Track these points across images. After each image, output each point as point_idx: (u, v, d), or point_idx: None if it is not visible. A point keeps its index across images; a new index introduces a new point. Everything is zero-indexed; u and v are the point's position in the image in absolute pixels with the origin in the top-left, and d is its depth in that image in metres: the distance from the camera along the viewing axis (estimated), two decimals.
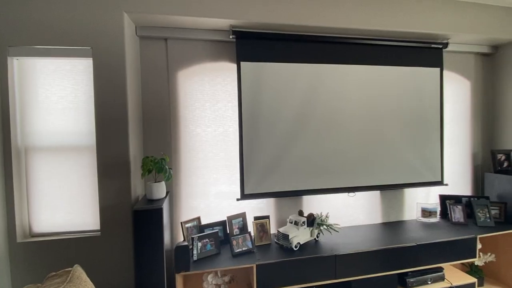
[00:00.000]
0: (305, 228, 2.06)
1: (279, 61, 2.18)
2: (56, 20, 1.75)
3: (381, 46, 2.37)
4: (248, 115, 2.12)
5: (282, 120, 2.19)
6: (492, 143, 2.81)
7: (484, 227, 2.31)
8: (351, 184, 2.34)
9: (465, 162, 2.75)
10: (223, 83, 2.20)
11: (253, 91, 2.13)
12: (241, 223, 2.13)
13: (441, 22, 2.34)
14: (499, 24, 2.48)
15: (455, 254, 2.12)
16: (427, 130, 2.48)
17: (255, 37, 2.12)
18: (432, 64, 2.48)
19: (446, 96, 2.64)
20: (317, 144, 2.26)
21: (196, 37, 2.12)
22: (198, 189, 2.19)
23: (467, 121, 2.75)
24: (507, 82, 2.68)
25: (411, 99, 2.44)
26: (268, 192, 2.19)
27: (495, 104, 2.79)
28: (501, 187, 2.51)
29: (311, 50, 2.24)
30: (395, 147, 2.42)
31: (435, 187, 2.60)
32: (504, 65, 2.69)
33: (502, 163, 2.57)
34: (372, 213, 2.53)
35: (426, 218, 2.52)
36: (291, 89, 2.20)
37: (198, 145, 2.18)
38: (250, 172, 2.13)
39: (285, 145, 2.20)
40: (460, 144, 2.73)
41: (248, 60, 2.12)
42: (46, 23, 1.74)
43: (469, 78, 2.74)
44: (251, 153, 2.13)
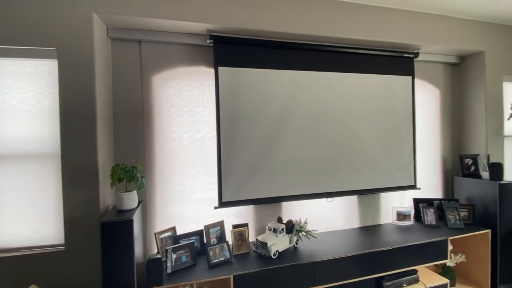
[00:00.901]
0: (284, 235, 2.03)
1: (258, 67, 2.17)
2: (18, 18, 1.62)
3: (358, 55, 2.43)
4: (226, 121, 2.08)
5: (261, 127, 2.16)
6: (460, 148, 2.95)
7: (454, 229, 2.40)
8: (329, 189, 2.35)
9: (436, 166, 2.86)
10: (200, 88, 2.15)
11: (232, 97, 2.09)
12: (218, 232, 2.06)
13: (412, 32, 2.44)
14: (464, 36, 2.63)
15: (428, 256, 2.17)
16: (401, 136, 2.56)
17: (233, 42, 2.09)
18: (404, 73, 2.57)
19: (417, 104, 2.75)
20: (296, 150, 2.25)
21: (172, 41, 2.06)
22: (174, 197, 2.10)
23: (437, 127, 2.87)
24: (472, 91, 2.84)
25: (385, 106, 2.51)
26: (247, 199, 2.14)
27: (462, 111, 2.94)
28: (469, 190, 2.64)
29: (290, 57, 2.24)
30: (371, 153, 2.47)
31: (408, 191, 2.68)
32: (470, 75, 2.86)
33: (470, 167, 2.70)
34: (350, 217, 2.56)
35: (401, 221, 2.58)
36: (270, 95, 2.19)
37: (174, 152, 2.10)
38: (228, 179, 2.08)
39: (264, 152, 2.18)
40: (431, 149, 2.84)
41: (226, 65, 2.09)
42: (6, 21, 1.61)
43: (438, 87, 2.87)
44: (230, 159, 2.08)
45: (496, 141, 2.75)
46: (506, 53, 2.81)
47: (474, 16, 2.62)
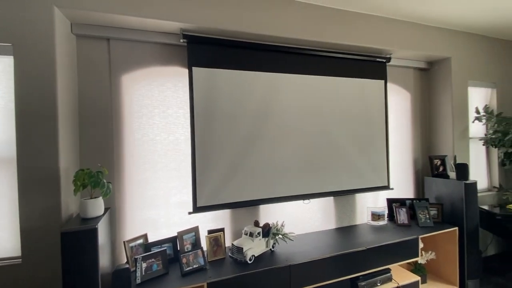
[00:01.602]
0: (260, 239, 1.99)
1: (233, 68, 2.13)
2: None
3: (333, 58, 2.46)
4: (201, 123, 2.02)
5: (237, 129, 2.12)
6: (430, 149, 3.08)
7: (425, 227, 2.49)
8: (306, 191, 2.35)
9: (407, 167, 2.97)
10: (174, 89, 2.07)
11: (207, 98, 2.04)
12: (193, 238, 1.99)
13: (385, 38, 2.52)
14: (432, 42, 2.75)
15: (400, 255, 2.23)
16: (374, 138, 2.63)
17: (208, 42, 2.04)
18: (377, 77, 2.64)
19: (390, 107, 2.83)
20: (273, 152, 2.23)
21: (143, 39, 1.97)
22: (146, 203, 2.00)
23: (408, 129, 2.98)
24: (440, 95, 2.97)
25: (359, 109, 2.57)
26: (223, 204, 2.09)
27: (431, 114, 3.08)
28: (438, 189, 2.75)
29: (267, 59, 2.23)
30: (346, 155, 2.50)
31: (382, 191, 2.75)
32: (437, 80, 2.99)
33: (438, 167, 2.82)
34: (326, 219, 2.58)
35: (375, 221, 2.64)
36: (247, 97, 2.16)
37: (146, 155, 2.00)
38: (203, 183, 2.01)
39: (241, 154, 2.14)
40: (403, 151, 2.94)
41: (201, 66, 2.03)
42: None
43: (409, 90, 2.99)
44: (205, 163, 2.02)
45: (462, 142, 2.90)
46: (470, 60, 2.97)
47: (441, 24, 2.75)
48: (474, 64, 3.00)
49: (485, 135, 3.13)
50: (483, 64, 3.06)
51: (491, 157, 3.23)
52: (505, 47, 3.22)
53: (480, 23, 2.75)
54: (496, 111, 3.12)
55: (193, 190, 1.99)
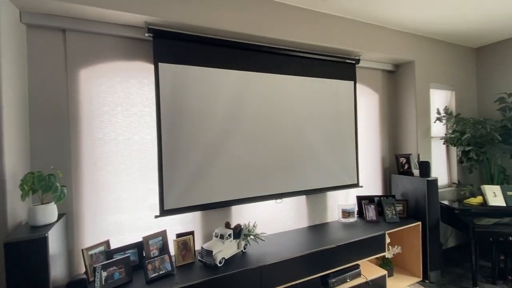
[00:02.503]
0: (231, 241, 1.95)
1: (204, 66, 2.06)
2: None
3: (304, 58, 2.48)
4: (168, 121, 1.92)
5: (208, 128, 2.06)
6: (396, 148, 3.22)
7: (391, 223, 2.59)
8: (279, 190, 2.34)
9: (376, 165, 3.08)
10: (138, 85, 1.95)
11: (175, 95, 1.95)
12: (160, 243, 1.89)
13: (354, 40, 2.58)
14: (397, 46, 2.87)
15: (369, 251, 2.30)
16: (345, 137, 2.69)
17: (176, 37, 1.95)
18: (347, 78, 2.71)
19: (359, 107, 2.92)
20: (245, 152, 2.19)
21: (104, 31, 1.83)
22: (108, 207, 1.87)
23: (376, 129, 3.09)
24: (405, 96, 3.12)
25: (330, 109, 2.61)
26: (193, 206, 2.01)
27: (397, 114, 3.22)
28: (403, 186, 2.88)
29: (238, 57, 2.19)
30: (318, 154, 2.53)
31: (352, 189, 2.82)
32: (403, 82, 3.13)
33: (404, 165, 2.95)
34: (298, 217, 2.59)
35: (346, 218, 2.70)
36: (218, 95, 2.10)
37: (107, 156, 1.87)
38: (171, 184, 1.92)
39: (212, 154, 2.07)
40: (372, 150, 3.05)
41: (168, 62, 1.94)
42: None
43: (377, 92, 3.10)
44: (173, 163, 1.93)
45: (425, 141, 3.06)
46: (432, 63, 3.15)
47: (406, 29, 2.88)
48: (436, 68, 3.18)
49: (445, 134, 3.34)
50: (443, 68, 3.25)
51: (450, 155, 3.45)
52: (464, 53, 3.46)
53: (442, 29, 2.92)
54: (455, 112, 3.34)
55: (159, 192, 1.89)
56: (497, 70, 3.36)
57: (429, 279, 2.64)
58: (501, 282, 2.64)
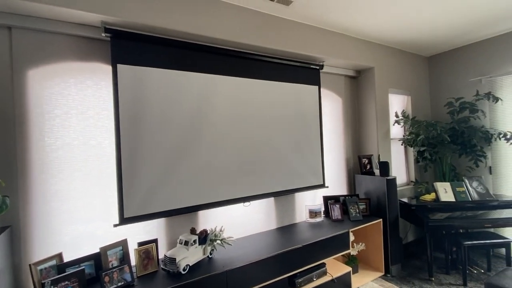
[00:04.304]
0: (196, 247, 1.90)
1: (167, 68, 2.02)
2: None
3: (271, 63, 2.53)
4: (128, 125, 1.84)
5: (171, 132, 2.01)
6: (359, 149, 3.37)
7: (355, 221, 2.70)
8: (246, 193, 2.34)
9: (340, 166, 3.20)
10: (95, 88, 1.85)
11: (135, 99, 1.88)
12: (120, 253, 1.80)
13: (317, 46, 2.67)
14: (358, 53, 3.03)
15: (334, 249, 2.37)
16: (310, 140, 2.77)
17: (136, 38, 1.89)
18: (312, 82, 2.80)
19: (324, 111, 3.03)
20: (211, 156, 2.17)
21: (56, 30, 1.72)
22: (62, 217, 1.74)
23: (340, 131, 3.22)
24: (366, 100, 3.29)
25: (296, 112, 2.67)
26: (156, 213, 1.94)
27: (360, 117, 3.38)
28: (366, 185, 3.02)
29: (202, 60, 2.17)
30: (285, 156, 2.58)
31: (319, 189, 2.90)
32: (364, 87, 3.31)
33: (366, 166, 3.10)
34: (267, 220, 2.61)
35: (313, 218, 2.77)
36: (183, 98, 2.06)
37: (60, 163, 1.74)
38: (132, 191, 1.84)
39: (176, 159, 2.02)
40: (337, 151, 3.17)
41: (128, 63, 1.87)
42: None
43: (341, 96, 3.24)
44: (133, 169, 1.85)
45: (385, 143, 3.25)
46: (390, 70, 3.36)
47: (366, 37, 3.05)
48: (394, 74, 3.40)
49: (403, 136, 3.57)
50: (400, 74, 3.49)
51: (408, 155, 3.70)
52: (418, 61, 3.74)
53: (397, 38, 3.14)
54: (411, 116, 3.59)
55: (119, 200, 1.80)
56: (447, 76, 3.68)
57: (391, 273, 2.79)
58: (454, 272, 2.86)
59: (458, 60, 3.55)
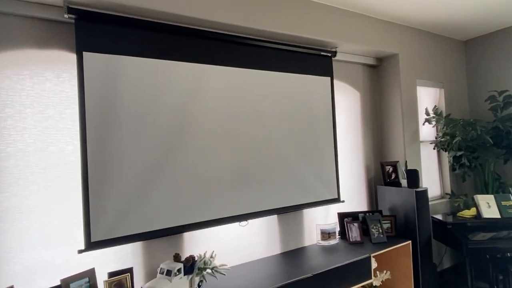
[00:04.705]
0: (181, 277, 1.85)
1: (145, 56, 1.99)
2: None
3: (273, 50, 2.51)
4: (97, 126, 1.81)
5: (151, 135, 1.98)
6: (382, 154, 3.34)
7: (378, 244, 2.65)
8: (243, 210, 2.30)
9: (359, 175, 3.16)
10: (56, 81, 1.83)
11: (106, 94, 1.85)
12: (86, 285, 1.74)
13: (329, 29, 2.65)
14: (379, 37, 3.00)
15: (352, 278, 2.32)
16: (321, 143, 2.73)
17: (106, 20, 1.87)
18: (322, 73, 2.78)
19: (338, 107, 3.00)
20: (199, 164, 2.14)
21: (5, 10, 1.69)
22: (12, 242, 1.69)
23: (359, 132, 3.19)
24: (389, 95, 3.26)
25: (303, 109, 2.65)
26: (131, 235, 1.90)
27: (381, 115, 3.35)
28: (391, 199, 2.97)
29: (190, 47, 2.15)
30: (290, 163, 2.54)
31: (332, 205, 2.86)
32: (387, 78, 3.28)
33: (390, 175, 3.06)
34: (269, 243, 2.56)
35: (326, 240, 2.72)
36: (165, 94, 2.04)
37: (12, 173, 1.70)
38: (101, 208, 1.80)
39: (156, 168, 1.99)
40: (354, 157, 3.13)
41: (97, 51, 1.84)
42: None
43: (358, 89, 3.21)
44: (103, 180, 1.81)
45: (413, 146, 3.21)
46: (418, 57, 3.34)
47: (389, 17, 3.03)
48: (422, 62, 3.37)
49: (435, 138, 3.53)
50: (431, 62, 3.46)
51: (442, 161, 3.65)
52: (452, 46, 3.72)
53: (428, 18, 3.12)
54: (445, 113, 3.55)
55: (85, 219, 1.75)
56: (488, 65, 3.65)
57: None
58: None
59: (502, 45, 3.53)
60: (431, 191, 3.46)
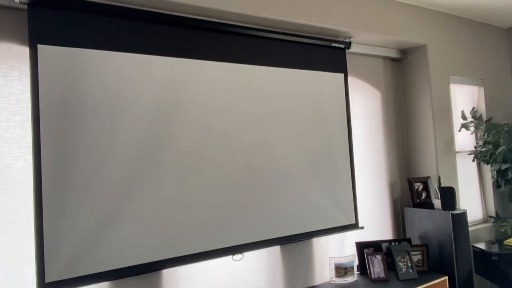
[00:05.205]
0: None
1: (115, 49, 2.03)
2: None
3: (273, 41, 2.57)
4: (54, 139, 1.83)
5: (120, 148, 2.00)
6: (409, 169, 3.37)
7: (407, 281, 2.66)
8: (237, 241, 2.32)
9: (381, 195, 3.20)
10: (3, 81, 1.85)
11: (65, 97, 1.88)
12: None
13: (341, 15, 2.72)
14: (405, 24, 3.07)
15: None
16: (334, 155, 2.77)
17: (66, 6, 1.90)
18: (334, 69, 2.84)
19: (354, 109, 3.04)
20: (181, 182, 2.16)
21: None
22: None
23: (380, 141, 3.24)
24: (415, 94, 3.32)
25: (311, 113, 2.70)
26: (96, 274, 1.90)
27: (408, 120, 3.40)
28: (421, 224, 3.00)
29: (171, 38, 2.20)
30: (295, 182, 2.57)
31: (349, 232, 2.87)
32: (413, 74, 3.35)
33: (420, 194, 3.09)
34: (271, 281, 2.57)
35: (342, 277, 2.73)
36: (138, 95, 2.07)
37: None
38: (58, 241, 1.81)
39: (127, 189, 2.00)
40: (375, 172, 3.17)
41: (55, 43, 1.87)
42: None
43: (379, 88, 3.27)
44: (62, 206, 1.83)
45: (447, 158, 3.25)
46: (451, 48, 3.42)
47: (415, 1, 3.10)
48: (456, 55, 3.45)
49: (475, 147, 3.58)
50: (467, 55, 3.54)
51: (484, 176, 3.70)
52: (493, 34, 3.81)
53: (463, 2, 3.19)
54: (485, 116, 3.61)
55: (38, 254, 1.76)
56: None
57: None
58: None
59: None
60: (471, 213, 3.48)
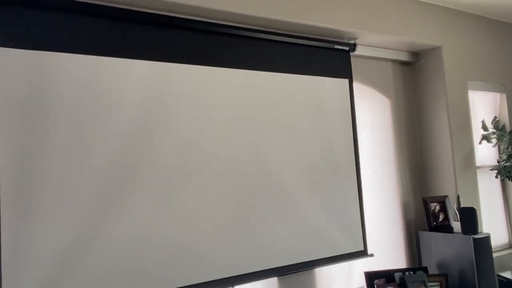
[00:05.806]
0: None
1: (87, 53, 2.03)
2: None
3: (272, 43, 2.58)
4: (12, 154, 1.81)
5: (92, 166, 1.99)
6: (424, 187, 3.35)
7: None
8: (228, 272, 2.29)
9: (393, 217, 3.17)
10: None
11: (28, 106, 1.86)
12: None
13: (345, 14, 2.72)
14: (417, 24, 3.08)
15: None
16: (338, 171, 2.76)
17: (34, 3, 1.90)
18: (338, 74, 2.84)
19: (360, 119, 3.02)
20: (160, 206, 2.14)
21: None
22: None
23: (390, 155, 3.22)
24: (431, 101, 3.32)
25: (312, 125, 2.69)
26: None
27: (422, 131, 3.39)
28: (439, 250, 2.96)
29: (153, 39, 2.21)
30: (295, 202, 2.55)
31: (357, 260, 2.83)
32: (427, 79, 3.35)
33: (437, 215, 3.06)
34: None
35: None
36: (113, 105, 2.07)
37: None
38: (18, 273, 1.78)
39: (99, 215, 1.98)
40: (385, 191, 3.15)
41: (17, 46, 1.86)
42: None
43: (388, 95, 3.26)
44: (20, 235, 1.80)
45: (467, 174, 3.23)
46: (469, 51, 3.42)
47: None
48: (475, 58, 3.46)
49: (498, 162, 3.56)
50: (487, 58, 3.55)
51: (509, 195, 3.67)
52: None
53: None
54: (509, 127, 3.60)
55: None
56: None
57: None
58: None
59: None
60: (495, 238, 3.44)
